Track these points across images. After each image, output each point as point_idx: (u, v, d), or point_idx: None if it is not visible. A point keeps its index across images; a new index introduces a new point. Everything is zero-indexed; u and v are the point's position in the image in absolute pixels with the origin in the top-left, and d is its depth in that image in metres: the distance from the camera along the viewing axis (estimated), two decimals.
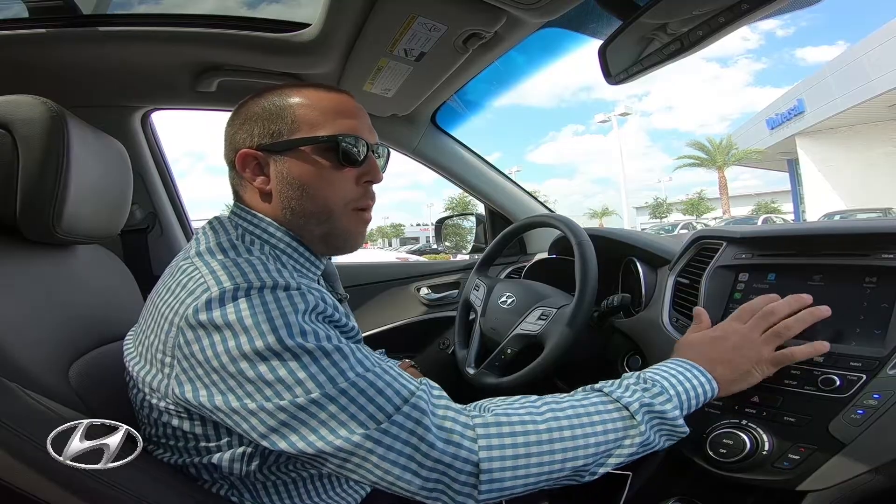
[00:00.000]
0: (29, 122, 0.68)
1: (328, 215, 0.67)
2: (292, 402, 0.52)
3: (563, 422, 0.59)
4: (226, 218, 0.68)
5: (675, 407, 0.62)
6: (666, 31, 0.72)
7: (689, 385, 0.64)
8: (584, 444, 0.58)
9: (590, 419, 0.60)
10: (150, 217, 1.41)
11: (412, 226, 47.57)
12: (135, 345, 0.63)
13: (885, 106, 15.32)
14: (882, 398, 0.62)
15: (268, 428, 0.52)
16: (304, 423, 0.52)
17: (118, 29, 1.04)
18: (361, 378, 0.54)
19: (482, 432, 0.56)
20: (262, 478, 0.63)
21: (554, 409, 0.60)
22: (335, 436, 0.52)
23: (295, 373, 0.52)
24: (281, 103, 0.66)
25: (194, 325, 0.54)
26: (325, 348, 0.54)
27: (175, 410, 0.59)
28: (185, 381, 0.55)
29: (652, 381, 0.64)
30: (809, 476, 0.65)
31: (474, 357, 1.11)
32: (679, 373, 0.66)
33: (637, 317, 1.02)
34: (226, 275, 0.56)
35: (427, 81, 1.18)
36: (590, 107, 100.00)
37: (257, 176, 0.66)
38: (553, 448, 0.57)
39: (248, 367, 0.52)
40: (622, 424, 0.60)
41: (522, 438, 0.56)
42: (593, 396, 0.63)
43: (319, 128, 0.66)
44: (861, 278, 0.72)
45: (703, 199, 32.29)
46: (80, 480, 0.51)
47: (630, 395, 0.62)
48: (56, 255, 0.78)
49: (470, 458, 0.54)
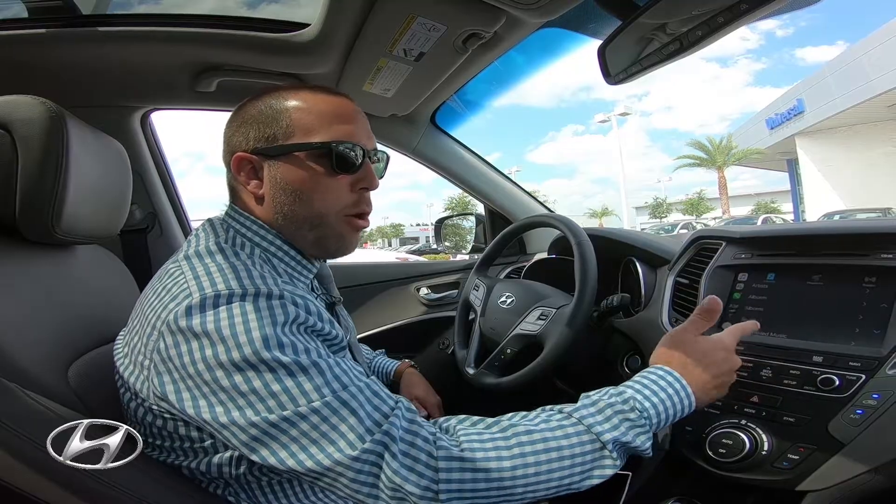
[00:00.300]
0: (28, 122, 0.67)
1: (321, 221, 0.67)
2: (264, 418, 0.52)
3: (530, 458, 0.58)
4: (218, 220, 0.69)
5: (648, 439, 0.61)
6: (665, 31, 0.72)
7: (671, 412, 0.63)
8: (546, 479, 0.58)
9: (559, 453, 0.58)
10: (150, 217, 1.40)
11: (412, 226, 47.54)
12: (122, 346, 0.64)
13: (884, 106, 15.32)
14: (881, 398, 0.62)
15: (240, 442, 0.53)
16: (274, 439, 0.53)
17: (118, 29, 1.04)
18: (335, 397, 0.54)
19: (443, 465, 0.55)
20: (256, 478, 0.63)
21: (524, 443, 0.59)
22: (305, 454, 0.52)
23: (269, 385, 0.52)
24: (277, 107, 0.66)
25: (174, 330, 0.54)
26: (302, 363, 0.54)
27: (158, 411, 0.59)
28: (167, 383, 0.55)
29: (631, 407, 0.62)
30: (809, 476, 0.65)
31: (474, 357, 1.11)
32: (668, 396, 0.64)
33: (636, 317, 1.02)
34: (208, 281, 0.56)
35: (426, 81, 1.18)
36: (590, 107, 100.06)
37: (251, 180, 0.66)
38: (515, 484, 0.57)
39: (224, 376, 0.52)
40: (591, 457, 0.59)
41: (483, 475, 0.56)
42: (568, 427, 0.61)
43: (314, 133, 0.65)
44: (860, 278, 0.72)
45: (702, 199, 32.29)
46: (80, 480, 0.51)
47: (608, 426, 0.60)
48: (55, 255, 0.78)
49: (430, 486, 0.54)
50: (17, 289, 0.67)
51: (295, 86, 0.70)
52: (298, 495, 0.66)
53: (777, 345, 0.74)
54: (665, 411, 0.63)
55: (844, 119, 16.62)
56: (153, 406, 0.59)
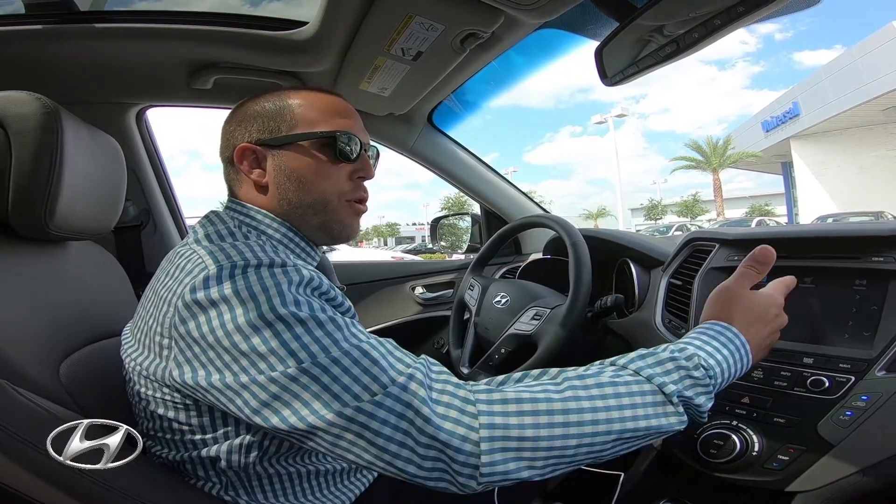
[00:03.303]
0: (22, 118, 0.67)
1: (324, 206, 0.70)
2: (284, 373, 0.50)
3: (585, 403, 0.53)
4: (221, 213, 0.69)
5: (710, 399, 0.57)
6: (662, 32, 0.73)
7: (732, 372, 0.59)
8: (605, 428, 0.52)
9: (617, 401, 0.53)
10: (144, 214, 1.40)
11: (408, 225, 47.58)
12: (132, 333, 0.64)
13: (879, 109, 15.45)
14: (870, 400, 0.62)
15: (259, 402, 0.51)
16: (296, 396, 0.50)
17: (114, 26, 1.03)
18: (355, 348, 0.52)
19: (484, 408, 0.51)
20: (261, 471, 0.62)
21: (576, 386, 0.54)
22: (328, 409, 0.50)
23: (288, 343, 0.51)
24: (280, 103, 0.69)
25: (189, 303, 0.54)
26: (319, 318, 0.53)
27: (171, 401, 0.59)
28: (182, 363, 0.55)
29: (702, 369, 0.57)
30: (798, 477, 0.65)
31: (468, 356, 1.11)
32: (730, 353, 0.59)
33: (630, 317, 1.02)
34: (223, 255, 0.56)
35: (424, 81, 1.18)
36: (587, 108, 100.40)
37: (254, 169, 0.69)
38: (568, 433, 0.51)
39: (242, 340, 0.52)
40: (654, 408, 0.54)
41: (531, 419, 0.51)
42: (626, 376, 0.56)
43: (317, 125, 0.69)
44: (851, 281, 0.72)
45: (697, 201, 32.50)
46: (79, 481, 0.51)
47: (670, 379, 0.56)
48: (48, 251, 0.77)
49: (469, 435, 0.50)
50: (8, 284, 0.66)
51: (294, 87, 0.74)
52: (298, 493, 0.66)
53: None
54: (728, 370, 0.58)
55: (839, 122, 16.74)
56: (166, 394, 0.58)
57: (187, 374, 0.54)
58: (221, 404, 0.54)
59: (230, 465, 0.61)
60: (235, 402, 0.52)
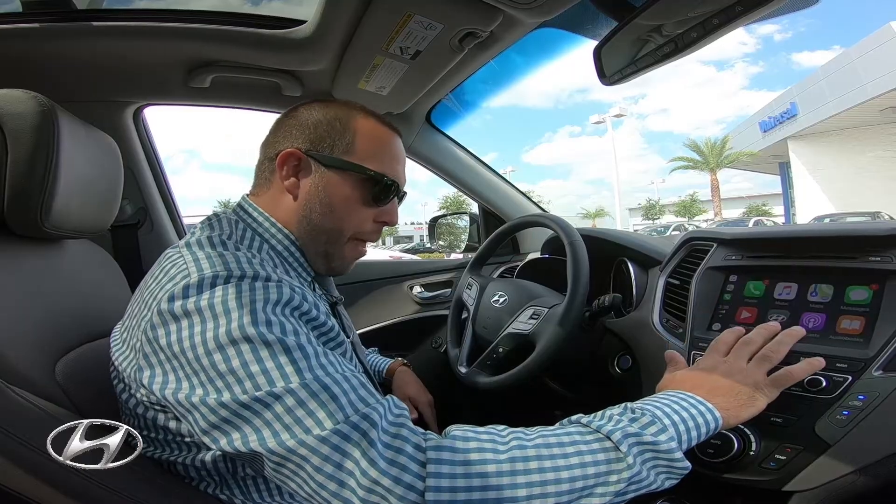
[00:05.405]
0: (18, 116, 0.67)
1: (337, 237, 0.71)
2: (234, 398, 0.49)
3: (530, 451, 0.52)
4: (224, 216, 0.69)
5: (671, 438, 0.55)
6: (661, 32, 0.72)
7: (685, 414, 0.58)
8: (554, 478, 0.50)
9: (562, 450, 0.52)
10: (141, 212, 1.39)
11: (406, 224, 47.47)
12: (120, 333, 0.64)
13: (876, 110, 15.50)
14: (867, 399, 0.63)
15: (209, 424, 0.51)
16: (247, 422, 0.50)
17: (112, 24, 1.03)
18: (316, 381, 0.51)
19: (433, 456, 0.49)
20: (253, 472, 0.62)
21: (521, 437, 0.54)
22: (274, 440, 0.49)
23: (248, 365, 0.50)
24: (346, 122, 0.70)
25: (164, 310, 0.54)
26: (286, 343, 0.52)
27: (149, 403, 0.59)
28: (145, 367, 0.55)
29: (641, 411, 0.57)
30: (795, 476, 0.65)
31: (466, 356, 1.11)
32: (673, 402, 0.59)
33: (628, 317, 1.02)
34: (208, 263, 0.56)
35: (422, 80, 1.17)
36: (586, 108, 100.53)
37: (290, 177, 0.69)
38: (516, 482, 0.50)
39: (204, 354, 0.51)
40: (604, 457, 0.53)
41: (479, 468, 0.50)
42: (570, 427, 0.56)
43: (371, 161, 0.70)
44: (848, 281, 0.72)
45: (695, 201, 32.58)
46: (79, 481, 0.51)
47: (613, 425, 0.55)
48: (44, 249, 0.77)
49: (414, 484, 0.48)
50: (3, 283, 0.66)
51: (363, 108, 0.74)
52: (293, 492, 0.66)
53: None
54: (675, 413, 0.58)
55: (836, 123, 16.79)
56: (144, 397, 0.58)
57: (152, 379, 0.55)
58: (179, 414, 0.54)
59: (218, 469, 0.61)
60: (188, 419, 0.53)
